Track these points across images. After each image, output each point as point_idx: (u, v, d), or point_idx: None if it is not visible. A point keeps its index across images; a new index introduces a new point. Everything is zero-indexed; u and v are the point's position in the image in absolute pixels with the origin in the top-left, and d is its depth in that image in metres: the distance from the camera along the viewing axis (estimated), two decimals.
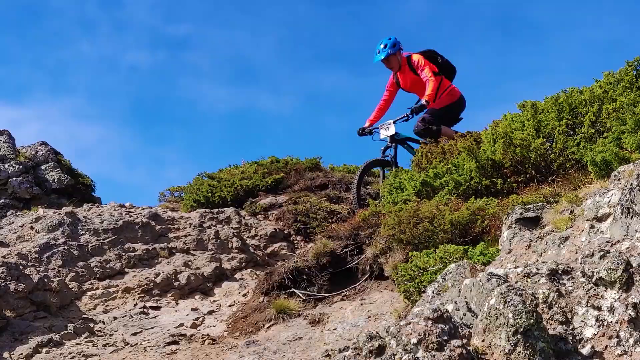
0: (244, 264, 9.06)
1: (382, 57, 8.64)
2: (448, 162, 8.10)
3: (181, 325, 7.66)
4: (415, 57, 8.81)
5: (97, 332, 7.47)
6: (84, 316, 7.83)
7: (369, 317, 7.10)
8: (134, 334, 7.39)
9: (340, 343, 6.47)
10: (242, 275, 8.90)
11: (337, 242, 8.13)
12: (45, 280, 7.96)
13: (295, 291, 7.75)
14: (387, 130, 8.65)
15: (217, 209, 10.56)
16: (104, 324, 7.71)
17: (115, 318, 7.83)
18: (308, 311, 7.43)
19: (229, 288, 8.57)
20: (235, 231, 9.67)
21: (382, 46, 8.65)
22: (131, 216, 9.42)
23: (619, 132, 6.53)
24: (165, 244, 9.21)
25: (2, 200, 10.16)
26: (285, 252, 9.41)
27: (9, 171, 10.85)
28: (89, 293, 8.25)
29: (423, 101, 8.46)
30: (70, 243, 8.67)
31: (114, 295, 8.25)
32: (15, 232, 8.93)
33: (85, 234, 8.88)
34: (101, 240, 8.87)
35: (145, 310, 8.00)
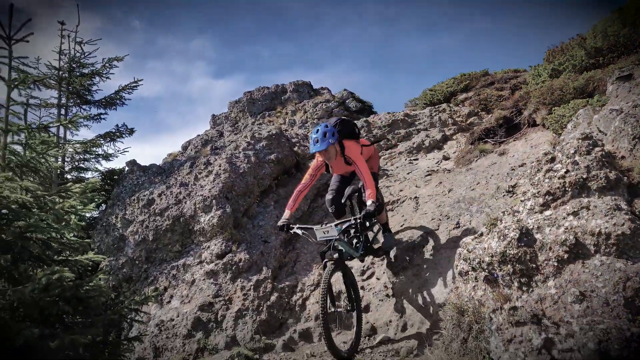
0: (456, 131, 10.17)
1: (324, 148, 5.00)
2: (566, 55, 8.56)
3: (429, 166, 9.02)
4: (350, 151, 5.20)
5: (389, 175, 9.22)
6: (382, 169, 9.43)
7: (531, 146, 7.75)
8: (408, 173, 8.97)
9: (517, 162, 7.30)
10: (456, 137, 9.98)
11: (506, 111, 9.00)
12: None
13: (487, 140, 8.66)
14: (328, 234, 4.89)
15: (437, 105, 11.66)
16: (392, 171, 9.41)
17: (397, 167, 9.53)
18: (496, 149, 8.23)
19: (451, 144, 9.76)
20: (448, 115, 10.75)
21: (321, 135, 5.01)
22: (394, 116, 10.91)
23: None
24: (414, 128, 10.66)
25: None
26: (478, 121, 10.17)
27: (332, 106, 12.99)
28: (382, 157, 9.95)
29: (371, 204, 4.72)
30: (367, 134, 10.53)
31: (394, 156, 10.00)
32: None
33: (374, 129, 10.66)
34: (382, 131, 10.64)
35: (411, 161, 9.57)
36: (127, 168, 9.30)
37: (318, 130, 5.12)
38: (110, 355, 4.47)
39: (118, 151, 10.18)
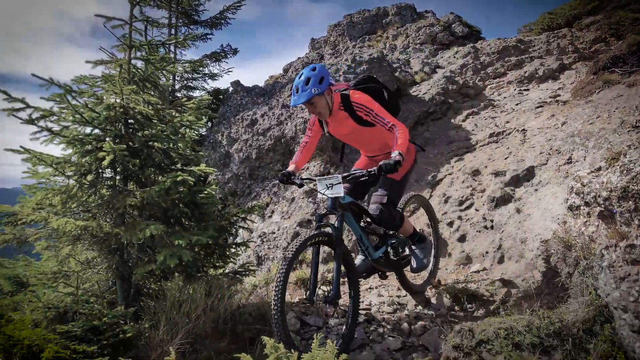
0: (576, 59, 9.23)
1: (304, 100, 3.50)
2: None
3: (541, 97, 8.30)
4: (358, 97, 3.63)
5: (495, 106, 8.75)
6: (487, 98, 9.16)
7: None
8: (516, 104, 8.43)
9: None
10: (576, 66, 9.08)
11: None
12: (465, 81, 9.56)
13: (614, 69, 7.71)
14: (332, 190, 3.55)
15: (556, 30, 10.57)
16: (499, 101, 8.92)
17: (504, 97, 8.98)
18: (624, 80, 7.34)
19: (569, 74, 8.89)
20: (569, 41, 9.77)
21: (303, 82, 3.53)
22: (505, 42, 10.17)
23: None
24: (526, 55, 9.86)
25: (435, 47, 11.63)
26: (604, 48, 9.18)
27: (436, 31, 12.27)
28: (488, 86, 9.55)
29: (397, 155, 3.26)
30: (474, 61, 9.92)
31: (502, 86, 9.38)
32: (446, 61, 10.48)
33: (482, 56, 10.00)
34: (490, 58, 9.96)
35: (520, 91, 8.95)
36: (231, 88, 9.68)
37: (302, 74, 3.58)
38: (219, 257, 4.94)
39: (223, 71, 10.59)
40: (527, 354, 2.64)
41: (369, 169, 3.41)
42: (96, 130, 4.15)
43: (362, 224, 4.00)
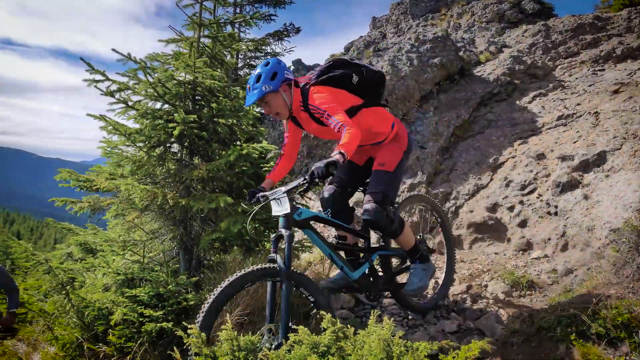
0: None
1: (254, 100, 2.98)
2: None
3: (618, 77, 7.71)
4: (314, 98, 2.99)
5: (565, 87, 8.24)
6: (556, 79, 8.62)
7: None
8: (589, 85, 7.91)
9: None
10: None
11: None
12: (533, 61, 9.03)
13: None
14: (280, 206, 2.79)
15: (639, 5, 9.76)
16: (569, 82, 8.37)
17: (576, 78, 8.43)
18: None
19: None
20: None
21: (254, 79, 3.02)
22: (580, 19, 9.49)
23: None
24: (604, 33, 9.17)
25: (502, 25, 11.00)
26: None
27: (504, 8, 11.59)
28: (558, 66, 8.99)
29: (336, 154, 2.60)
30: (545, 40, 9.37)
31: (574, 66, 8.81)
32: (514, 39, 9.94)
33: (553, 34, 9.42)
34: (563, 36, 9.36)
35: (595, 72, 8.37)
36: (292, 67, 9.74)
37: (255, 70, 3.11)
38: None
39: (285, 50, 10.63)
40: (591, 344, 2.54)
41: (305, 176, 2.73)
42: (166, 106, 4.32)
43: (334, 239, 3.50)
